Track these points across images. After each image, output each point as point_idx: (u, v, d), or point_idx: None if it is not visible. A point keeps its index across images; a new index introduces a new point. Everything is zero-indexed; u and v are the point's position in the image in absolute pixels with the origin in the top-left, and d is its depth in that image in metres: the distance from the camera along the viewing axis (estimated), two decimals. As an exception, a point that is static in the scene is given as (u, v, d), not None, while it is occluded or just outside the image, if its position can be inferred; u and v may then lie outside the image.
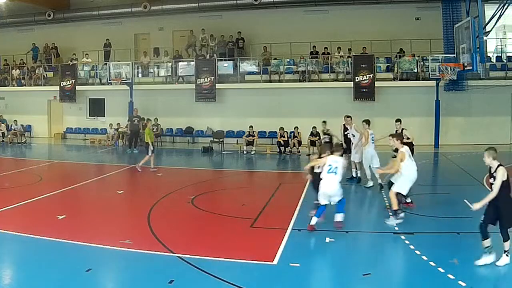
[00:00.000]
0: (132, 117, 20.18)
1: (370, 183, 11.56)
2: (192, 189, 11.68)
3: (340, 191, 8.10)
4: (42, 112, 25.32)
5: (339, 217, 8.11)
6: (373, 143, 11.41)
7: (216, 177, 14.92)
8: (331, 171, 7.96)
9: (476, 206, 6.42)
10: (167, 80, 23.22)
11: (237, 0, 22.20)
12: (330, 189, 7.98)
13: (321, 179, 8.13)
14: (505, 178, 6.22)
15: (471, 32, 15.44)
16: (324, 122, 16.76)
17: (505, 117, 19.66)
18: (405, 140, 11.22)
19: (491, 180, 6.41)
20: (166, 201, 10.46)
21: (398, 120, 12.43)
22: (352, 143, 12.37)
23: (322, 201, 8.07)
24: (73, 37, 25.20)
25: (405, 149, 8.61)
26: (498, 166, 6.33)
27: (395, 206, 8.39)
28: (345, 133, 13.14)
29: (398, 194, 8.49)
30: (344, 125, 13.19)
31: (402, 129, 12.02)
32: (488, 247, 6.30)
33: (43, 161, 17.13)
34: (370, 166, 11.53)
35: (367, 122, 11.69)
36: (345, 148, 12.63)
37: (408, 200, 9.27)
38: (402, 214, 8.47)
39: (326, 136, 16.12)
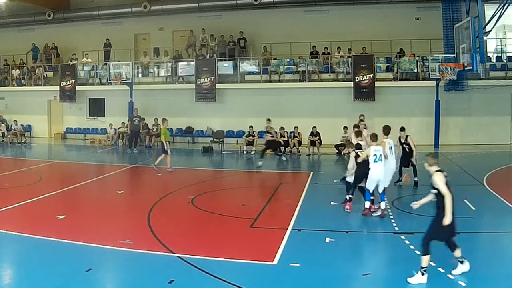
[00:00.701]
0: (133, 117, 20.24)
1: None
2: (192, 189, 11.68)
3: (389, 177, 9.00)
4: (42, 112, 25.31)
5: (383, 204, 8.86)
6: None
7: (216, 177, 14.92)
8: (377, 159, 8.79)
9: (416, 205, 6.46)
10: (167, 80, 23.21)
11: (237, 0, 22.19)
12: (380, 174, 8.81)
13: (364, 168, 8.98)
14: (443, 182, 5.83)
15: (471, 32, 15.44)
16: (269, 120, 17.24)
17: (505, 117, 19.66)
18: (404, 147, 11.36)
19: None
20: (166, 201, 10.47)
21: (402, 129, 11.77)
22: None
23: (371, 187, 8.89)
24: (73, 37, 25.18)
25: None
26: (436, 171, 5.97)
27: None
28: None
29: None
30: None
31: (407, 136, 11.62)
32: (460, 257, 5.99)
33: (43, 161, 17.13)
34: None
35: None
36: None
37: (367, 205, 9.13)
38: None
39: (269, 134, 16.72)
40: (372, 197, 9.26)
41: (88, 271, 6.16)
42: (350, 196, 9.34)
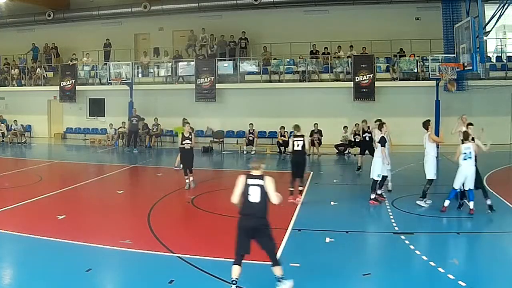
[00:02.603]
0: (131, 117, 20.28)
1: None
2: (192, 189, 11.67)
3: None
4: (42, 112, 25.31)
5: (471, 204, 8.83)
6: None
7: (216, 177, 14.91)
8: (467, 157, 8.96)
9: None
10: (167, 80, 23.20)
11: (237, 0, 22.19)
12: (468, 172, 8.90)
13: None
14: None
15: (471, 32, 15.43)
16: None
17: (505, 117, 19.64)
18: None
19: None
20: (166, 201, 10.47)
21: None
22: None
23: (457, 185, 9.04)
24: (73, 37, 25.17)
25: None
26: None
27: None
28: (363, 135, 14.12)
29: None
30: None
31: (369, 126, 13.53)
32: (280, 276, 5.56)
33: (43, 161, 17.13)
34: None
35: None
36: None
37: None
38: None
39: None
40: (380, 191, 9.99)
41: (88, 271, 6.16)
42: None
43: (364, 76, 20.02)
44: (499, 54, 20.96)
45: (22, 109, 24.68)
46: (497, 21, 15.25)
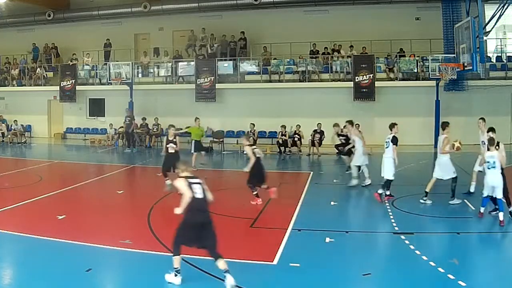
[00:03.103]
0: (126, 116, 20.59)
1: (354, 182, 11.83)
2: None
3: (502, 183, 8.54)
4: (42, 112, 25.30)
5: (501, 216, 8.29)
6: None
7: (216, 177, 14.90)
8: (490, 166, 8.54)
9: (177, 211, 5.80)
10: (167, 80, 23.20)
11: (237, 0, 22.19)
12: (496, 181, 8.43)
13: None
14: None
15: (471, 32, 15.44)
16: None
17: (505, 117, 19.61)
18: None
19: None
20: (166, 201, 10.45)
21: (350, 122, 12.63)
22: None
23: (485, 193, 8.65)
24: (73, 37, 25.16)
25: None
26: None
27: None
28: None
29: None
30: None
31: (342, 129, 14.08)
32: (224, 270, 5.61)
33: (43, 161, 17.13)
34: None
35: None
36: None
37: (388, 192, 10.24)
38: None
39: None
40: (388, 191, 10.05)
41: (88, 271, 6.16)
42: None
43: (364, 76, 20.02)
44: (499, 54, 20.95)
45: (22, 109, 24.67)
46: (497, 21, 15.26)
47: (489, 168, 8.57)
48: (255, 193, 10.03)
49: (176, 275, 5.78)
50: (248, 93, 21.80)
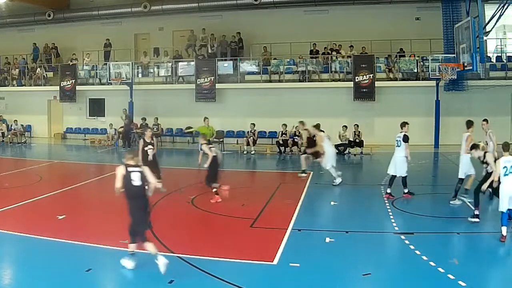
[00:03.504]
0: (125, 118, 20.75)
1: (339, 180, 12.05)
2: (192, 189, 11.67)
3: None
4: (42, 112, 25.32)
5: (504, 230, 7.35)
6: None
7: (216, 177, 14.90)
8: (508, 172, 7.53)
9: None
10: (167, 80, 23.20)
11: (237, 0, 22.19)
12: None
13: None
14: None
15: (471, 32, 15.44)
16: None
17: (505, 117, 19.61)
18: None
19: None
20: (166, 201, 10.45)
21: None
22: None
23: (504, 207, 7.42)
24: (73, 37, 25.17)
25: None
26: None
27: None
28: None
29: None
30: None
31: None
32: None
33: (43, 161, 17.13)
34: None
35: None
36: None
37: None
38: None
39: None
40: (406, 189, 10.21)
41: (88, 271, 6.16)
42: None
43: (364, 76, 20.03)
44: (499, 54, 20.94)
45: (22, 109, 24.69)
46: (497, 21, 15.25)
47: (506, 175, 7.52)
48: (214, 190, 10.27)
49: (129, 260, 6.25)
50: (248, 93, 21.80)
